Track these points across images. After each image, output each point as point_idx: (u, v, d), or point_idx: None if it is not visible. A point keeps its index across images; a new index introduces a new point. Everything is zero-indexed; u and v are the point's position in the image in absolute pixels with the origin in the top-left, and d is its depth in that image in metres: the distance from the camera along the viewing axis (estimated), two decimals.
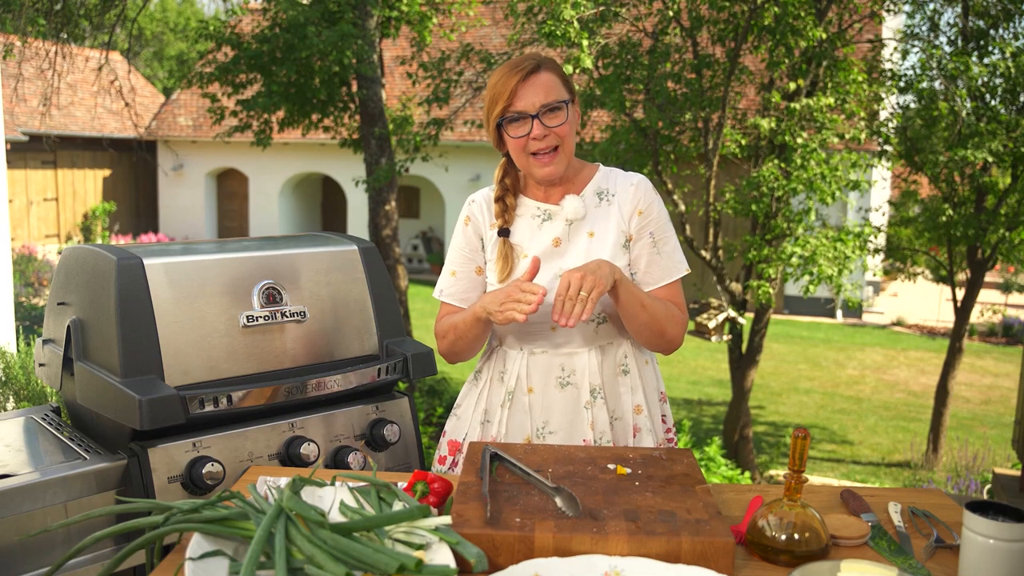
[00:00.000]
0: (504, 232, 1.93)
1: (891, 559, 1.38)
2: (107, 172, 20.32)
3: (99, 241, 19.09)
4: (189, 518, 1.30)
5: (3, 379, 3.66)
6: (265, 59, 7.73)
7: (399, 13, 8.60)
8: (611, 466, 1.58)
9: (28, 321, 9.88)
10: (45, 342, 2.06)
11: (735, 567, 1.34)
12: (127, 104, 8.17)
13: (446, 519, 1.30)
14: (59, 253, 17.11)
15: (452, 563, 1.22)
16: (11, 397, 3.63)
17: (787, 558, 1.36)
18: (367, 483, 1.46)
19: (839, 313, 15.76)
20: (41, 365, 2.07)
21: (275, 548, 1.20)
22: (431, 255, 18.91)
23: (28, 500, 1.66)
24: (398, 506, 1.38)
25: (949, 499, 1.64)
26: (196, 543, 1.26)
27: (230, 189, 20.30)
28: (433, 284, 17.23)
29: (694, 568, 1.26)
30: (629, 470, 1.56)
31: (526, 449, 1.66)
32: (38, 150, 17.38)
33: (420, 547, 1.28)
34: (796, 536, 1.37)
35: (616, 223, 1.90)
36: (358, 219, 18.02)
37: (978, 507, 1.29)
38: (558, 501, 1.40)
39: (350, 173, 16.91)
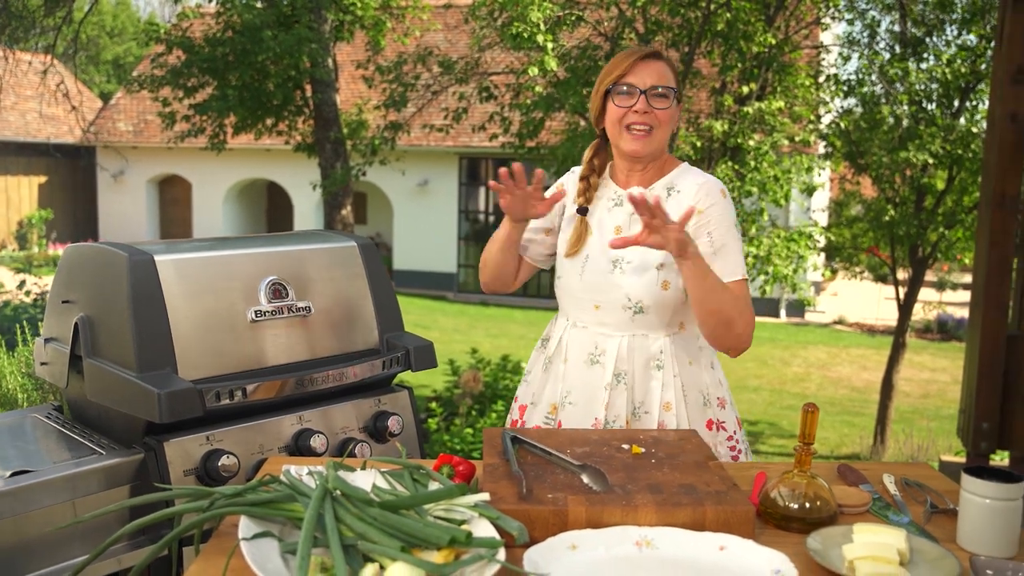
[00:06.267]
0: (583, 211, 2.04)
1: (895, 523, 1.48)
2: (43, 179, 19.79)
3: (35, 249, 18.59)
4: (234, 502, 1.34)
5: None
6: (218, 63, 7.67)
7: (353, 17, 8.60)
8: (625, 446, 1.66)
9: None
10: (47, 341, 2.05)
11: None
12: (74, 108, 8.02)
13: (485, 496, 1.35)
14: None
15: (496, 536, 1.28)
16: None
17: (800, 525, 1.45)
18: (399, 467, 1.51)
19: (783, 312, 16.16)
20: (43, 364, 2.06)
21: (327, 527, 1.25)
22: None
23: (48, 495, 1.67)
24: (433, 486, 1.43)
25: (935, 471, 1.76)
26: (245, 525, 1.29)
27: (173, 196, 19.94)
28: None
29: (719, 535, 1.34)
30: (643, 449, 1.64)
31: (541, 433, 1.73)
32: None
33: (461, 523, 1.33)
34: (807, 504, 1.46)
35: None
36: (305, 226, 17.87)
37: (974, 472, 1.40)
38: (584, 478, 1.47)
39: (296, 179, 16.76)
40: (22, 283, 8.58)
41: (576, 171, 2.11)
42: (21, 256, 17.65)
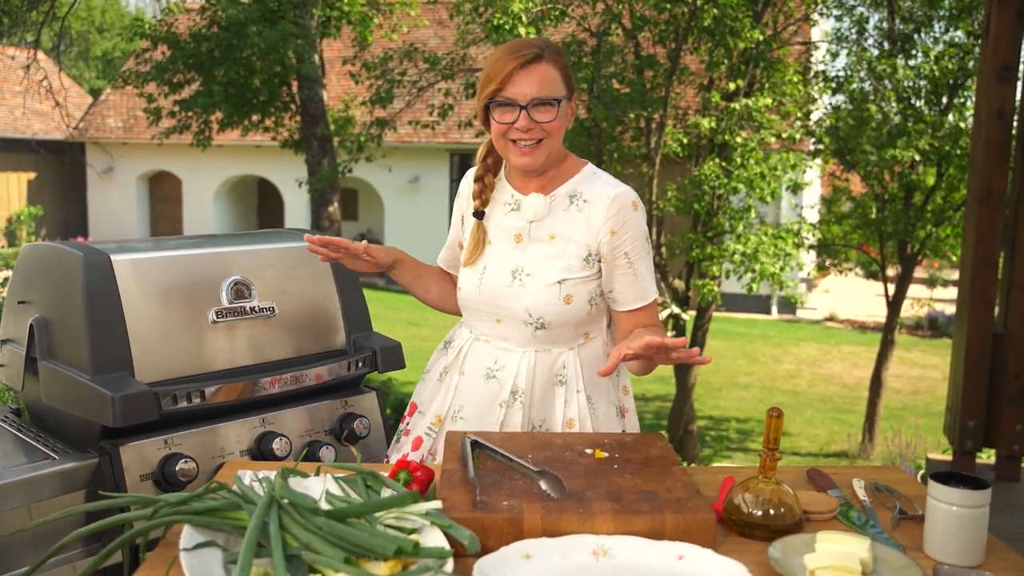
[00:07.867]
0: (479, 214, 1.92)
1: (861, 531, 1.45)
2: (32, 175, 19.67)
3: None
4: (178, 510, 1.30)
5: None
6: (204, 58, 7.61)
7: (339, 12, 8.54)
8: (588, 451, 1.62)
9: None
10: (4, 342, 2.01)
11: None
12: (58, 103, 7.94)
13: (437, 504, 1.32)
14: None
15: (446, 545, 1.24)
16: None
17: (764, 533, 1.41)
18: (352, 472, 1.47)
19: (774, 309, 16.15)
20: (0, 366, 2.02)
21: (271, 536, 1.21)
22: None
23: (2, 500, 1.62)
24: (386, 493, 1.39)
25: (907, 475, 1.73)
26: (188, 535, 1.25)
27: (163, 192, 19.85)
28: (372, 287, 17.15)
29: (678, 543, 1.31)
30: (606, 454, 1.60)
31: (503, 437, 1.69)
32: None
33: (412, 532, 1.29)
34: (772, 512, 1.42)
35: (582, 234, 1.83)
36: (296, 222, 17.80)
37: (941, 478, 1.37)
38: (543, 484, 1.43)
39: (287, 175, 16.67)
40: (6, 280, 8.52)
41: (468, 174, 1.99)
42: (10, 253, 17.54)
